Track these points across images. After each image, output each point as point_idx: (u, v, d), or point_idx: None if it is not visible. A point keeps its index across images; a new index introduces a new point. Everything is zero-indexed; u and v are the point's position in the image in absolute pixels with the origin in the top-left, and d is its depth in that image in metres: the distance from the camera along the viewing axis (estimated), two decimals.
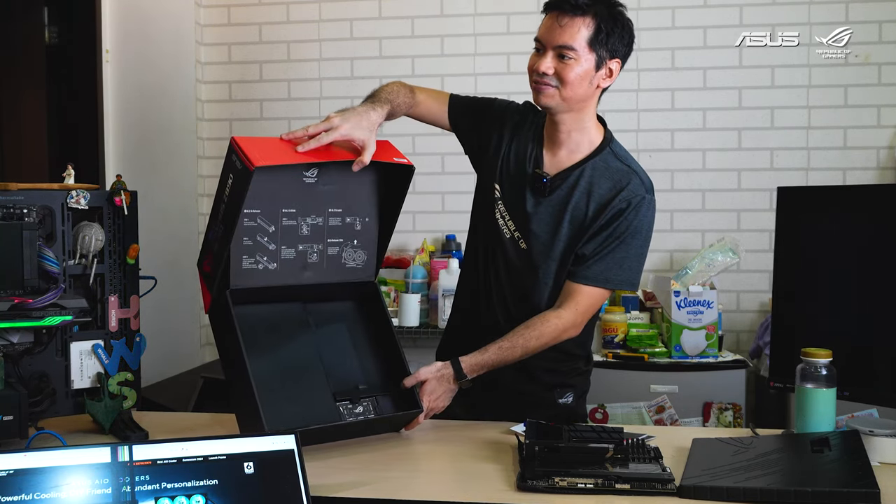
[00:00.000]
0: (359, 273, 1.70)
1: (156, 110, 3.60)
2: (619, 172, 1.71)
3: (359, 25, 3.59)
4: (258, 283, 1.60)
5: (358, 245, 1.68)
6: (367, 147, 1.56)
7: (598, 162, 1.72)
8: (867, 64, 3.29)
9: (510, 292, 1.77)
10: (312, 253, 1.64)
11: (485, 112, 1.85)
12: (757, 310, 3.38)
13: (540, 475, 1.28)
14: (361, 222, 1.67)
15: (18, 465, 1.09)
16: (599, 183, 1.70)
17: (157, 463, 1.13)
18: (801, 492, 1.20)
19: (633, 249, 1.70)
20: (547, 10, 1.68)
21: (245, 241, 1.57)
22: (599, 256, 1.69)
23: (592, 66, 1.65)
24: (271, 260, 1.60)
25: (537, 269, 1.73)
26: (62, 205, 1.56)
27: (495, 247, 1.79)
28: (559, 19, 1.63)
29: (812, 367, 1.44)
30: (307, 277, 1.64)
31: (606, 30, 1.62)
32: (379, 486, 1.31)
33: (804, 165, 3.35)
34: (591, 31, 1.62)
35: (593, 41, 1.62)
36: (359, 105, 1.67)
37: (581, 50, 1.62)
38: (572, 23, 1.62)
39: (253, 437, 1.21)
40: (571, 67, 1.63)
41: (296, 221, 1.61)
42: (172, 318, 3.55)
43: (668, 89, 3.41)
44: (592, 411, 2.91)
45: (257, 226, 1.58)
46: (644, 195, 1.70)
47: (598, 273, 1.69)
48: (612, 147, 1.75)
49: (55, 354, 1.58)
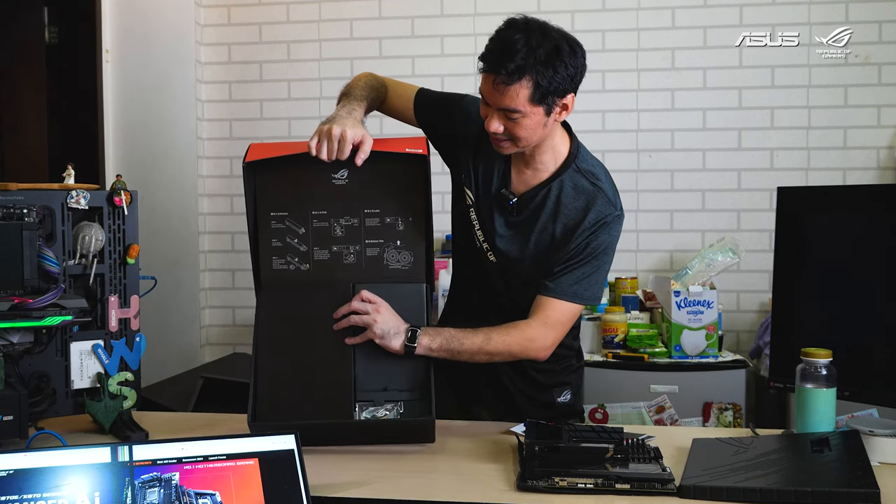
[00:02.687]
0: (405, 274, 1.65)
1: (156, 110, 3.61)
2: (586, 192, 1.67)
3: (359, 25, 3.59)
4: (290, 283, 1.61)
5: (402, 246, 1.65)
6: (364, 141, 1.56)
7: (565, 181, 1.68)
8: (867, 64, 3.29)
9: (490, 291, 1.78)
10: (348, 254, 1.64)
11: (454, 110, 1.78)
12: (757, 310, 3.38)
13: (540, 475, 1.28)
14: (405, 223, 1.64)
15: (18, 465, 1.09)
16: (566, 204, 1.67)
17: (157, 463, 1.13)
18: (801, 492, 1.20)
19: (603, 266, 1.67)
20: (482, 70, 1.58)
21: (274, 243, 1.61)
22: (569, 271, 1.65)
23: (542, 115, 1.57)
24: (303, 261, 1.62)
25: (507, 284, 1.73)
26: (62, 205, 1.56)
27: (473, 250, 1.78)
28: (495, 84, 1.53)
29: (812, 367, 1.44)
30: (344, 279, 1.63)
31: (546, 81, 1.53)
32: (379, 486, 1.31)
33: (804, 165, 3.35)
34: (531, 89, 1.52)
35: (535, 97, 1.54)
36: (339, 109, 1.64)
37: (526, 108, 1.54)
38: (508, 89, 1.52)
39: (253, 436, 1.21)
40: (520, 124, 1.56)
41: (328, 223, 1.62)
42: (172, 318, 3.56)
43: (668, 89, 3.41)
44: (592, 411, 2.91)
45: (286, 227, 1.61)
46: (611, 212, 1.67)
47: (567, 287, 1.65)
48: (578, 163, 1.70)
49: (55, 354, 1.58)
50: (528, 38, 1.52)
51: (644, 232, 3.44)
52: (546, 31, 1.55)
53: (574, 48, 1.57)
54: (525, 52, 1.51)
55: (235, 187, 3.66)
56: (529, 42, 1.52)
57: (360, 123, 1.62)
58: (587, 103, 3.39)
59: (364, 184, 1.61)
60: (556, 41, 1.54)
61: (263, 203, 1.61)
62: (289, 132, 3.64)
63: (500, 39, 1.56)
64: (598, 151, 3.33)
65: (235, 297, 3.70)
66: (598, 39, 3.41)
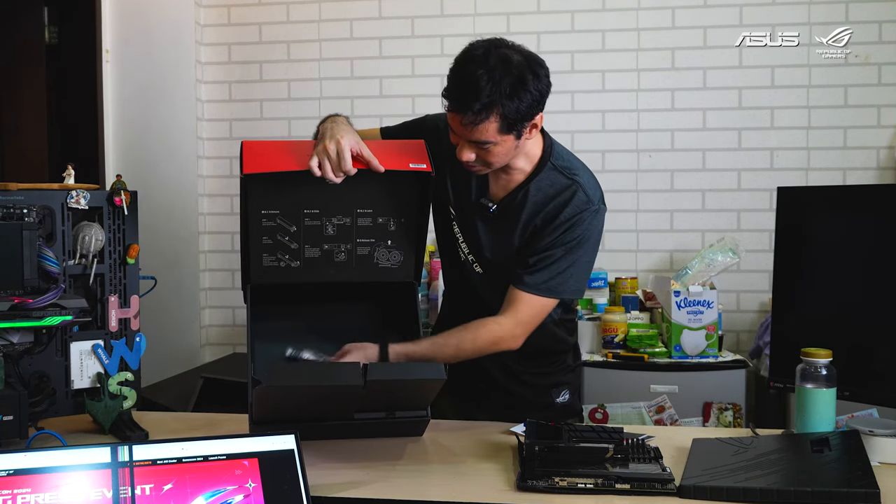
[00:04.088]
0: (394, 273, 1.68)
1: (156, 110, 3.61)
2: (562, 187, 1.67)
3: (359, 25, 3.59)
4: (280, 279, 1.62)
5: (392, 245, 1.67)
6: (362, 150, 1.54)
7: (541, 180, 1.68)
8: (867, 64, 3.29)
9: (479, 303, 1.76)
10: (339, 252, 1.65)
11: (419, 131, 1.75)
12: (757, 310, 3.38)
13: (540, 475, 1.28)
14: (396, 223, 1.66)
15: (18, 465, 1.09)
16: (544, 202, 1.67)
17: (157, 463, 1.13)
18: (801, 492, 1.20)
19: (580, 259, 1.66)
20: (447, 109, 1.57)
21: (265, 241, 1.61)
22: (544, 265, 1.64)
23: (512, 140, 1.57)
24: (294, 258, 1.63)
25: (494, 290, 1.71)
26: (62, 205, 1.56)
27: (458, 264, 1.79)
28: (463, 123, 1.53)
29: (812, 367, 1.44)
30: (333, 276, 1.65)
31: (513, 112, 1.52)
32: (379, 486, 1.31)
33: (804, 165, 3.35)
34: (499, 122, 1.52)
35: (504, 128, 1.53)
36: (324, 130, 1.59)
37: (496, 139, 1.54)
38: (477, 127, 1.52)
39: (253, 436, 1.21)
40: (492, 152, 1.56)
41: (320, 222, 1.63)
42: (172, 318, 3.56)
43: (668, 89, 3.41)
44: (592, 411, 2.91)
45: (277, 226, 1.61)
46: (588, 206, 1.66)
47: (540, 281, 1.64)
48: (553, 160, 1.69)
49: (55, 354, 1.58)
50: (490, 72, 1.50)
51: (644, 232, 3.44)
52: (507, 61, 1.51)
53: (537, 72, 1.54)
54: (489, 88, 1.49)
55: (235, 187, 3.65)
56: (493, 76, 1.49)
57: (350, 128, 1.60)
58: (587, 103, 3.39)
59: (357, 184, 1.61)
60: (518, 70, 1.51)
61: (255, 201, 1.61)
62: (289, 132, 3.64)
63: (462, 76, 1.53)
64: (598, 151, 3.35)
65: (235, 297, 3.70)
66: (598, 39, 3.41)
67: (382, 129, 1.82)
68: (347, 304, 1.72)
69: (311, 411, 1.50)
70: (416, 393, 1.50)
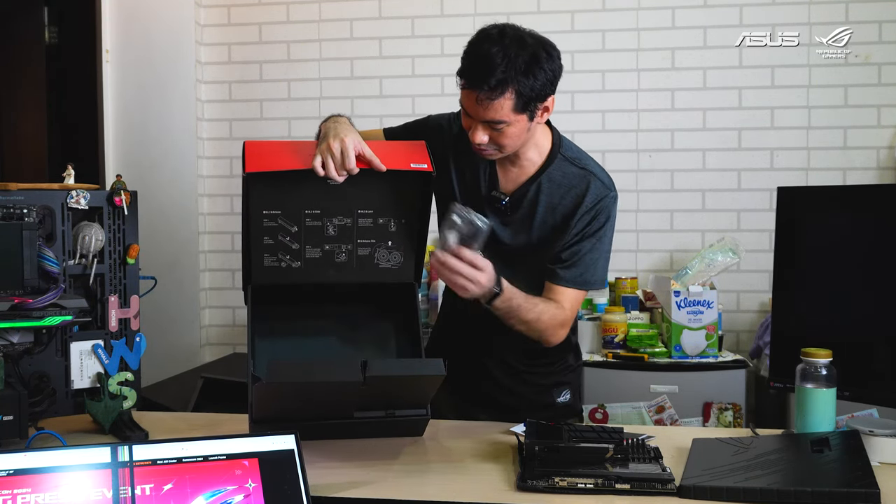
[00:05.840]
0: (394, 274, 1.68)
1: (156, 110, 3.61)
2: (577, 178, 1.69)
3: (359, 25, 3.59)
4: (281, 280, 1.62)
5: (393, 246, 1.67)
6: (363, 150, 1.53)
7: (553, 172, 1.70)
8: (867, 64, 3.29)
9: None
10: (340, 253, 1.65)
11: (425, 132, 1.75)
12: (757, 310, 3.38)
13: (540, 475, 1.28)
14: (397, 224, 1.66)
15: (18, 465, 1.09)
16: (560, 194, 1.69)
17: (157, 463, 1.13)
18: (801, 492, 1.20)
19: (605, 248, 1.71)
20: (462, 87, 1.58)
21: (266, 241, 1.61)
22: (577, 259, 1.68)
23: (525, 121, 1.58)
24: (295, 259, 1.63)
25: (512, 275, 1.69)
26: (62, 205, 1.56)
27: None
28: (479, 100, 1.53)
29: (812, 367, 1.44)
30: (334, 276, 1.65)
31: (528, 90, 1.53)
32: (379, 486, 1.31)
33: (804, 165, 3.35)
34: (514, 100, 1.53)
35: (518, 106, 1.55)
36: (326, 129, 1.59)
37: (510, 118, 1.55)
38: (492, 103, 1.53)
39: (253, 436, 1.21)
40: (505, 133, 1.58)
41: (321, 222, 1.63)
42: (172, 318, 3.56)
43: (668, 89, 3.41)
44: (592, 411, 2.92)
45: (278, 226, 1.61)
46: (607, 192, 1.70)
47: (577, 275, 1.68)
48: (563, 151, 1.71)
49: (55, 354, 1.58)
50: (505, 49, 1.52)
51: (644, 232, 3.44)
52: (521, 40, 1.54)
53: (550, 52, 1.57)
54: (504, 64, 1.51)
55: (235, 187, 3.66)
56: (507, 53, 1.51)
57: (353, 128, 1.60)
58: (587, 103, 3.40)
59: (358, 185, 1.61)
60: (532, 48, 1.54)
61: (257, 201, 1.61)
62: (289, 132, 3.64)
63: (476, 54, 1.55)
64: (598, 151, 3.34)
65: (235, 297, 3.70)
66: (598, 39, 3.41)
67: (385, 129, 1.83)
68: (348, 304, 1.72)
69: (311, 409, 1.50)
70: (416, 389, 1.51)
